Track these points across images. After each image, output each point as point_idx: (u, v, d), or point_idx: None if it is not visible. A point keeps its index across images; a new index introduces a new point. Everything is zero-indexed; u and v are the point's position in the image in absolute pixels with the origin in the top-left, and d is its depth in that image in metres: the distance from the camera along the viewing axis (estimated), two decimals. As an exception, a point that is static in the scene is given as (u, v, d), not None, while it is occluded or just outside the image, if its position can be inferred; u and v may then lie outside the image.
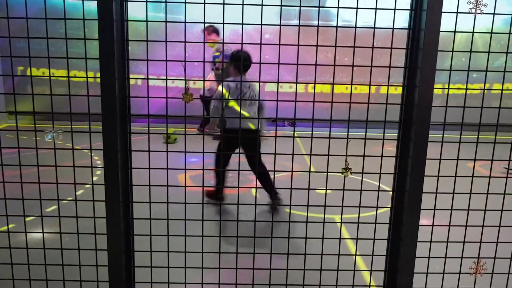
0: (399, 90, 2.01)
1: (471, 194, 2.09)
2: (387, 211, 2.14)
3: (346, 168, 2.02)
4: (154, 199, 2.15)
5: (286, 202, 4.07)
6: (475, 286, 2.18)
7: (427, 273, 2.12)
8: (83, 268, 2.14)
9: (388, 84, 2.05)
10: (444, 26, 1.83)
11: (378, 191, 2.10)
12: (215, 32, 6.73)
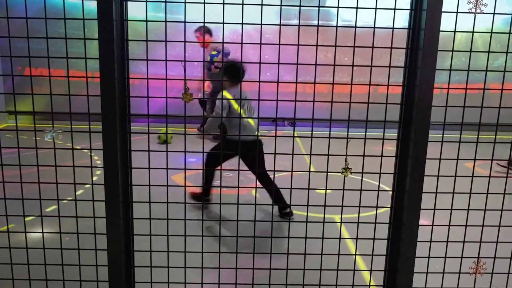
0: (397, 90, 2.01)
1: (471, 194, 2.09)
2: (387, 211, 2.14)
3: (346, 168, 2.01)
4: (150, 199, 2.14)
5: (286, 202, 4.07)
6: (475, 285, 2.18)
7: (427, 273, 2.12)
8: (83, 268, 2.14)
9: (388, 84, 2.05)
10: (444, 26, 1.83)
11: (378, 191, 2.10)
12: (207, 32, 6.67)
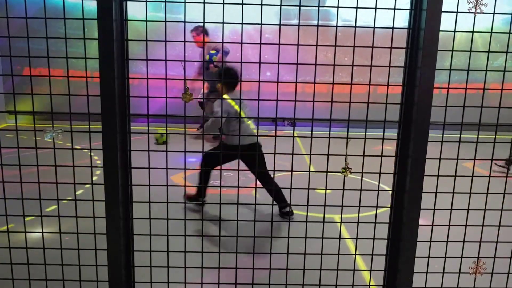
0: (396, 90, 2.01)
1: (470, 193, 2.09)
2: (386, 210, 2.14)
3: (346, 167, 2.02)
4: (148, 199, 2.14)
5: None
6: (475, 285, 2.18)
7: (427, 272, 2.12)
8: (82, 267, 2.14)
9: (388, 84, 2.05)
10: (443, 25, 1.83)
11: (378, 191, 2.10)
12: (204, 33, 6.64)
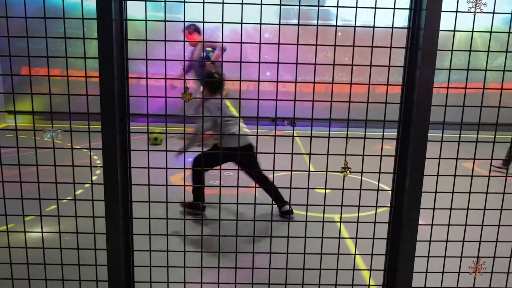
0: (396, 89, 2.01)
1: (470, 193, 2.09)
2: (386, 210, 2.14)
3: (345, 167, 2.01)
4: (147, 198, 2.14)
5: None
6: (475, 285, 2.18)
7: (427, 272, 2.12)
8: (82, 267, 2.14)
9: (387, 84, 2.05)
10: (443, 25, 1.83)
11: (377, 191, 2.10)
12: (196, 31, 6.58)
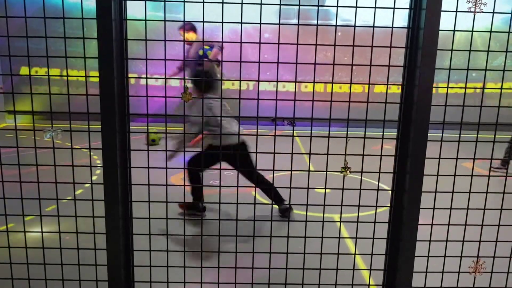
0: (393, 89, 2.01)
1: (470, 193, 2.09)
2: (386, 210, 2.14)
3: (345, 167, 2.02)
4: (147, 199, 2.14)
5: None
6: (474, 285, 2.18)
7: (426, 272, 2.13)
8: (82, 267, 2.14)
9: (387, 83, 2.05)
10: (443, 25, 1.83)
11: (377, 190, 2.10)
12: (192, 29, 6.54)
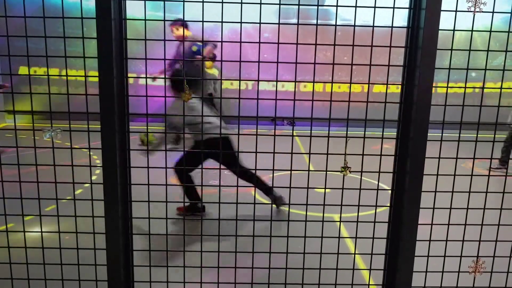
0: (392, 89, 2.01)
1: (470, 192, 2.09)
2: (386, 210, 2.14)
3: (345, 167, 2.01)
4: (146, 198, 2.14)
5: (286, 201, 4.08)
6: (474, 284, 2.18)
7: (426, 272, 2.13)
8: (82, 267, 2.14)
9: (387, 83, 2.05)
10: (443, 24, 1.83)
11: (377, 190, 2.10)
12: (183, 25, 6.49)
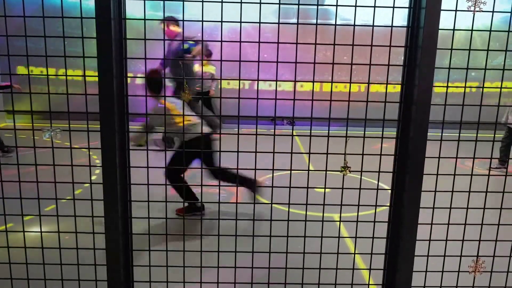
0: (389, 89, 2.01)
1: (470, 192, 2.09)
2: (386, 209, 2.14)
3: (345, 166, 2.01)
4: (144, 198, 2.14)
5: (285, 201, 4.06)
6: (474, 284, 2.18)
7: (426, 271, 2.13)
8: (81, 267, 2.13)
9: (386, 83, 2.05)
10: (442, 24, 1.82)
11: (377, 190, 2.10)
12: (174, 22, 6.42)
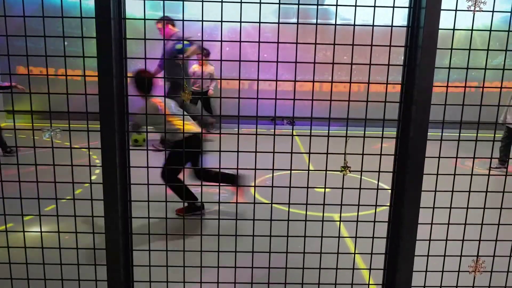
0: (389, 89, 2.01)
1: (470, 192, 2.09)
2: (386, 209, 2.14)
3: (345, 166, 2.01)
4: (144, 198, 2.14)
5: (285, 201, 4.06)
6: (474, 284, 2.18)
7: (426, 271, 2.13)
8: (81, 267, 2.13)
9: (386, 83, 2.05)
10: (442, 24, 1.82)
11: (377, 189, 2.10)
12: (170, 23, 6.34)
